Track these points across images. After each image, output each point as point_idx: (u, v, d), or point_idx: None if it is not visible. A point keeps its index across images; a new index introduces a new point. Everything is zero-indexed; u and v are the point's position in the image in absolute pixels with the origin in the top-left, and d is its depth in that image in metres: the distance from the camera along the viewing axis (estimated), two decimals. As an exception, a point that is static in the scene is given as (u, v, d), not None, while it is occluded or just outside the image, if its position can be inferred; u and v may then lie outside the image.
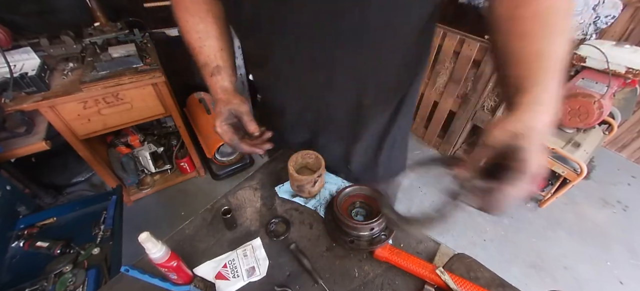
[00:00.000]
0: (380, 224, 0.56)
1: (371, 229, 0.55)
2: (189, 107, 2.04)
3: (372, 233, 0.56)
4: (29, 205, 1.17)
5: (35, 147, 1.16)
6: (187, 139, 1.72)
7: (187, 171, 1.92)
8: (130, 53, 1.33)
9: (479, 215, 1.80)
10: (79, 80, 1.22)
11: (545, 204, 1.79)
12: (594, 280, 1.49)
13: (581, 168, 1.50)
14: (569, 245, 1.65)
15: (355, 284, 0.53)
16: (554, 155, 1.61)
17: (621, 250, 1.63)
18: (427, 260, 0.55)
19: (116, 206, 1.18)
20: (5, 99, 1.11)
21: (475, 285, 0.50)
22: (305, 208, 0.66)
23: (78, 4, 1.51)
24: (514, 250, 1.62)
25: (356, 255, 0.58)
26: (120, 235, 1.11)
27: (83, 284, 0.89)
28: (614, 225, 1.76)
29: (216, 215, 0.64)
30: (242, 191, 0.70)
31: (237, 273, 0.53)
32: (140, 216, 1.73)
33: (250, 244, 0.58)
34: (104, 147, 1.74)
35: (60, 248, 0.98)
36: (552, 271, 1.53)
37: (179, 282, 0.52)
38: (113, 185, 1.47)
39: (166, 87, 1.39)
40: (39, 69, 1.18)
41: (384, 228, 0.57)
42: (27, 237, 1.03)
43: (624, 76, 1.38)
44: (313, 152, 0.67)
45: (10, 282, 0.92)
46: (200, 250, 0.59)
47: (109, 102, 1.31)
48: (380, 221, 0.55)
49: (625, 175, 2.08)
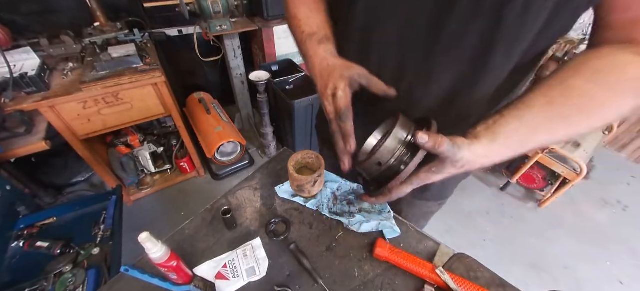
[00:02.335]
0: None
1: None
2: (189, 107, 2.04)
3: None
4: (29, 205, 1.17)
5: (35, 147, 1.16)
6: (187, 139, 1.72)
7: (187, 171, 1.92)
8: (130, 53, 1.33)
9: (479, 215, 1.80)
10: (79, 80, 1.22)
11: (545, 204, 1.79)
12: (594, 280, 1.49)
13: (581, 168, 1.50)
14: (569, 245, 1.65)
15: (355, 284, 0.53)
16: (554, 155, 1.61)
17: (621, 250, 1.63)
18: (427, 259, 0.55)
19: (116, 206, 1.18)
20: (5, 99, 1.11)
21: (475, 285, 0.50)
22: (305, 208, 0.66)
23: (78, 4, 1.51)
24: (514, 250, 1.62)
25: (356, 254, 0.58)
26: (120, 235, 1.11)
27: (83, 284, 0.89)
28: (613, 225, 1.76)
29: (216, 215, 0.64)
30: (242, 191, 0.70)
31: (237, 273, 0.53)
32: (140, 216, 1.73)
33: (250, 244, 0.58)
34: (103, 147, 1.74)
35: (60, 248, 0.98)
36: (552, 271, 1.53)
37: (179, 282, 0.52)
38: (113, 185, 1.47)
39: (166, 87, 1.39)
40: (38, 69, 1.18)
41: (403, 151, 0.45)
42: (27, 237, 1.03)
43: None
44: (313, 151, 0.67)
45: (10, 282, 0.92)
46: (200, 250, 0.59)
47: (109, 102, 1.31)
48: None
49: (625, 175, 2.08)
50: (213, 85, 2.34)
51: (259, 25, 1.78)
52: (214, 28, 1.63)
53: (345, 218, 0.62)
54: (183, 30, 1.91)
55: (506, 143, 0.36)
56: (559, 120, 0.35)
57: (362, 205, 0.66)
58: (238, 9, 1.72)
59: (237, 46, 1.89)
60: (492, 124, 0.37)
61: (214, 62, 2.03)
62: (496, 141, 0.36)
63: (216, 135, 1.76)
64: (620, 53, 0.34)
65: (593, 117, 0.35)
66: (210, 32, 1.63)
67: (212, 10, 1.56)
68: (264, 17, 1.76)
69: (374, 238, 0.58)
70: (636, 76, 0.33)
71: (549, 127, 0.36)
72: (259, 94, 1.71)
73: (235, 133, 1.83)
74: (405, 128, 0.44)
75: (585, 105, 0.34)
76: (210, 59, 1.89)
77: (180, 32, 1.91)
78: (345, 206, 0.66)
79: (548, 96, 0.36)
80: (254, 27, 1.78)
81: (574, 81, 0.35)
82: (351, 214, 0.64)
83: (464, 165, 0.37)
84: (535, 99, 0.36)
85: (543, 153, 1.60)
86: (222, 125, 1.81)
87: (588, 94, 0.34)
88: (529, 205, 1.86)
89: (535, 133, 0.36)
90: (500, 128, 0.36)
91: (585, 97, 0.34)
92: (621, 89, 0.34)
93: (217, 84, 2.36)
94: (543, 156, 1.61)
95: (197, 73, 2.25)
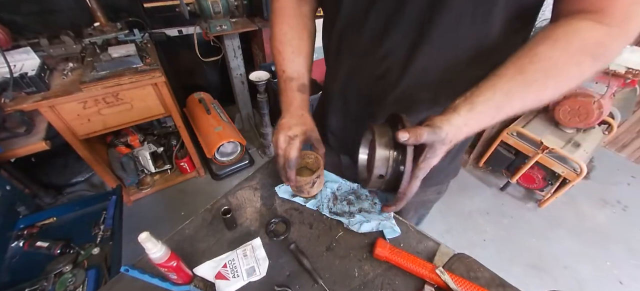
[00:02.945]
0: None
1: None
2: (189, 107, 2.04)
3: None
4: (29, 205, 1.17)
5: (35, 147, 1.16)
6: (187, 139, 1.72)
7: (187, 171, 1.92)
8: (130, 53, 1.33)
9: (479, 215, 1.80)
10: (79, 80, 1.22)
11: (545, 204, 1.79)
12: (594, 280, 1.49)
13: (581, 168, 1.50)
14: (568, 245, 1.65)
15: (355, 284, 0.53)
16: (554, 155, 1.61)
17: (621, 250, 1.63)
18: (427, 259, 0.55)
19: (116, 206, 1.18)
20: (5, 99, 1.11)
21: (475, 285, 0.50)
22: (305, 208, 0.66)
23: (78, 4, 1.51)
24: (514, 250, 1.62)
25: (356, 254, 0.58)
26: (120, 235, 1.11)
27: (83, 284, 0.89)
28: (613, 225, 1.76)
29: (216, 215, 0.64)
30: (242, 191, 0.70)
31: (237, 273, 0.53)
32: (140, 216, 1.73)
33: (250, 244, 0.58)
34: (103, 147, 1.74)
35: (60, 248, 0.98)
36: (552, 271, 1.53)
37: (179, 282, 0.52)
38: (113, 185, 1.47)
39: (166, 87, 1.39)
40: (38, 69, 1.18)
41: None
42: (27, 237, 1.03)
43: (623, 76, 1.38)
44: (312, 152, 0.67)
45: (10, 282, 0.92)
46: (200, 250, 0.59)
47: (109, 102, 1.31)
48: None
49: (625, 175, 2.08)
50: (213, 85, 2.34)
51: (259, 25, 1.78)
52: (214, 28, 1.63)
53: (345, 218, 0.62)
54: (183, 30, 1.91)
55: (483, 110, 0.39)
56: (528, 86, 0.39)
57: (362, 205, 0.66)
58: (238, 9, 1.72)
59: (237, 46, 1.89)
60: (469, 95, 0.40)
61: (214, 62, 2.03)
62: (474, 110, 0.39)
63: (216, 135, 1.76)
64: (579, 21, 0.38)
65: (558, 80, 0.39)
66: (210, 32, 1.63)
67: (212, 10, 1.56)
68: (264, 17, 1.76)
69: (374, 238, 0.58)
70: (594, 41, 0.37)
71: (520, 93, 0.39)
72: (259, 94, 1.71)
73: (235, 133, 1.84)
74: (384, 133, 0.45)
75: (550, 70, 0.38)
76: (210, 59, 1.89)
77: (180, 32, 1.91)
78: (345, 206, 0.66)
79: (518, 65, 0.39)
80: (254, 27, 1.78)
81: (539, 49, 0.38)
82: (351, 214, 0.64)
83: (451, 139, 0.40)
84: (506, 69, 0.40)
85: (543, 153, 1.60)
86: (222, 125, 1.81)
87: (551, 59, 0.38)
88: (529, 205, 1.86)
89: (508, 99, 0.39)
90: (476, 98, 0.40)
91: (549, 61, 0.38)
92: (580, 53, 0.37)
93: (217, 84, 2.36)
94: (543, 156, 1.61)
95: (197, 73, 2.26)
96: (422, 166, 0.42)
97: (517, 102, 0.40)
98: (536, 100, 0.40)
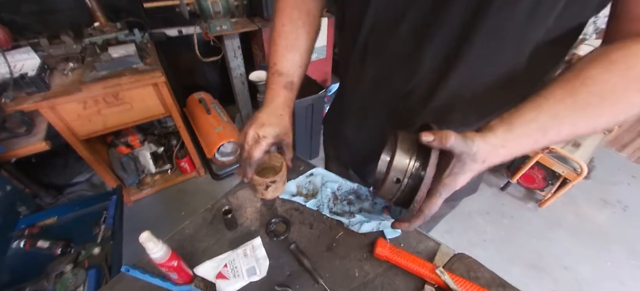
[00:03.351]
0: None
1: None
2: (189, 107, 2.04)
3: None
4: (30, 205, 1.17)
5: (36, 147, 1.16)
6: (187, 139, 1.72)
7: (187, 171, 1.92)
8: (130, 53, 1.33)
9: (479, 215, 1.80)
10: (79, 80, 1.22)
11: (545, 204, 1.79)
12: (594, 280, 1.49)
13: (581, 168, 1.50)
14: (569, 245, 1.65)
15: (356, 284, 0.53)
16: (554, 155, 1.61)
17: (621, 250, 1.63)
18: (427, 259, 0.55)
19: (116, 206, 1.18)
20: (5, 99, 1.11)
21: (475, 285, 0.50)
22: (306, 208, 0.66)
23: (78, 4, 1.51)
24: (514, 250, 1.62)
25: (357, 254, 0.58)
26: (120, 235, 1.11)
27: (83, 284, 0.89)
28: (614, 225, 1.76)
29: (216, 214, 0.65)
30: (242, 191, 0.70)
31: (237, 272, 0.53)
32: (140, 216, 1.73)
33: (251, 244, 0.58)
34: (104, 147, 1.74)
35: (60, 248, 0.98)
36: (552, 271, 1.53)
37: (179, 282, 0.52)
38: (113, 185, 1.47)
39: (166, 87, 1.39)
40: (39, 69, 1.18)
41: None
42: (27, 237, 1.03)
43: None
44: (281, 156, 0.59)
45: (10, 282, 0.92)
46: (200, 249, 0.59)
47: (109, 102, 1.31)
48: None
49: (625, 175, 2.08)
50: (213, 85, 2.34)
51: (259, 25, 1.78)
52: (214, 28, 1.63)
53: (345, 218, 0.62)
54: (183, 30, 1.91)
55: (524, 132, 0.35)
56: (581, 110, 0.34)
57: (363, 205, 0.66)
58: (238, 9, 1.72)
59: (237, 46, 1.88)
60: (507, 117, 0.36)
61: (214, 62, 2.02)
62: (512, 131, 0.35)
63: (216, 135, 1.76)
64: (636, 45, 0.34)
65: (616, 106, 0.34)
66: (210, 32, 1.63)
67: (212, 10, 1.56)
68: (264, 17, 1.76)
69: (375, 238, 0.58)
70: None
71: (571, 117, 0.34)
72: (259, 94, 1.71)
73: (236, 133, 1.83)
74: (408, 138, 0.42)
75: (607, 95, 0.33)
76: (210, 59, 1.89)
77: (180, 32, 1.91)
78: (345, 206, 0.66)
79: (566, 87, 0.35)
80: (254, 27, 1.78)
81: (593, 71, 0.34)
82: (351, 214, 0.64)
83: (484, 160, 0.35)
84: (552, 91, 0.35)
85: (543, 153, 1.60)
86: (222, 125, 1.81)
87: (608, 83, 0.33)
88: (529, 205, 1.86)
89: (557, 122, 0.35)
90: (516, 119, 0.35)
91: (605, 85, 0.33)
92: (639, 80, 0.33)
93: (217, 84, 2.36)
94: (543, 156, 1.61)
95: (197, 73, 2.25)
96: (447, 182, 0.37)
97: (566, 127, 0.35)
98: (589, 127, 0.35)
